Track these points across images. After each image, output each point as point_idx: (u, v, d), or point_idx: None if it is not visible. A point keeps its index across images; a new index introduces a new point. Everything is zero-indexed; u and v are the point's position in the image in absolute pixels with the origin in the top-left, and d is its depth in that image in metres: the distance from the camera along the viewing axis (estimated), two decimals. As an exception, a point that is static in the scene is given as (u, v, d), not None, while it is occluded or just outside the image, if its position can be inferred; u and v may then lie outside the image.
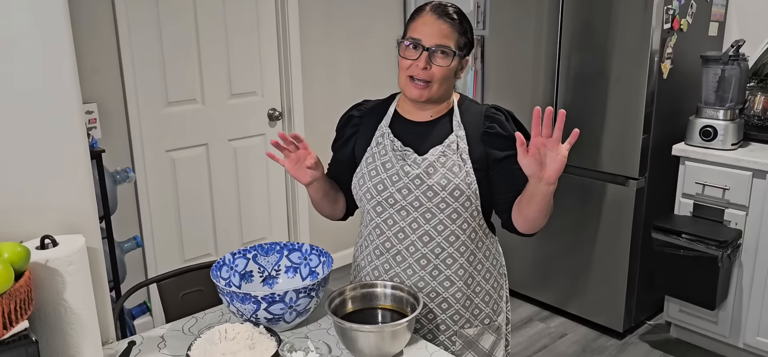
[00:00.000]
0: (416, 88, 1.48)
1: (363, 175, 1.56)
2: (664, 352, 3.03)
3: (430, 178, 1.48)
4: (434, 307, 1.56)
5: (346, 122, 1.65)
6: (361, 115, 1.64)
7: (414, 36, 1.47)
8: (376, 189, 1.53)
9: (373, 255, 1.59)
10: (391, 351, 1.37)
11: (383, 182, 1.52)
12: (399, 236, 1.54)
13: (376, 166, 1.54)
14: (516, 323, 3.32)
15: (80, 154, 1.37)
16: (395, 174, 1.51)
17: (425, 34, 1.46)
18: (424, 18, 1.48)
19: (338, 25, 3.66)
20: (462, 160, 1.49)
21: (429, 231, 1.52)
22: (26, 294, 1.10)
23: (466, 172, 1.49)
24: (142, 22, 2.98)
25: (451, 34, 1.47)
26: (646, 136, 2.90)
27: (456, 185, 1.48)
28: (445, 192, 1.48)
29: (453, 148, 1.50)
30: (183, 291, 1.80)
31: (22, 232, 1.28)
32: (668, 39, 2.84)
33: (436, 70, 1.47)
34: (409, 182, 1.50)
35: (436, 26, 1.46)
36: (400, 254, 1.55)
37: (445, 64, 1.47)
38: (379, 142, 1.56)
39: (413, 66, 1.47)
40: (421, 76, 1.47)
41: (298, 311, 1.47)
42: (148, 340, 1.49)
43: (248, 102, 3.44)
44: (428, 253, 1.53)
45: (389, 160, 1.53)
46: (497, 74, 3.43)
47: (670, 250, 2.79)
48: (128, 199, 3.08)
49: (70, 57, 1.32)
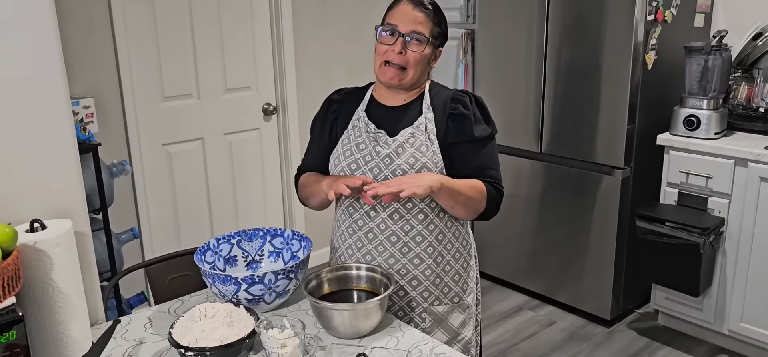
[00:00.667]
0: (390, 71, 1.57)
1: (338, 155, 1.64)
2: (650, 339, 3.08)
3: (399, 157, 1.57)
4: (405, 284, 1.63)
5: (328, 107, 1.73)
6: (340, 99, 1.72)
7: (391, 22, 1.57)
8: (350, 168, 1.61)
9: (346, 234, 1.66)
10: (364, 328, 1.44)
11: (356, 162, 1.60)
12: (371, 214, 1.61)
13: (350, 147, 1.62)
14: (506, 311, 3.38)
15: (67, 141, 1.44)
16: (368, 154, 1.59)
17: (401, 21, 1.56)
18: (401, 7, 1.59)
19: (332, 19, 3.72)
20: (430, 141, 1.58)
21: (398, 209, 1.59)
22: (14, 272, 1.17)
23: (433, 151, 1.57)
24: (138, 17, 3.05)
25: (425, 22, 1.57)
26: (631, 127, 2.96)
27: (423, 164, 1.56)
28: (412, 170, 1.56)
29: (421, 129, 1.59)
30: (171, 275, 1.87)
31: (12, 215, 1.35)
32: (652, 30, 2.89)
33: (411, 56, 1.56)
34: (379, 161, 1.58)
35: (412, 14, 1.56)
36: (371, 232, 1.62)
37: (420, 51, 1.56)
38: (355, 125, 1.65)
39: (389, 51, 1.56)
40: (396, 61, 1.56)
41: (278, 292, 1.53)
42: (135, 320, 1.56)
43: (243, 96, 3.51)
44: (398, 230, 1.60)
45: (363, 141, 1.61)
46: (487, 68, 3.48)
47: (653, 237, 2.85)
48: (126, 191, 3.15)
49: (56, 45, 1.38)
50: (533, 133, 3.30)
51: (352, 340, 1.44)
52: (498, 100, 3.33)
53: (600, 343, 3.07)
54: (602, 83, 2.98)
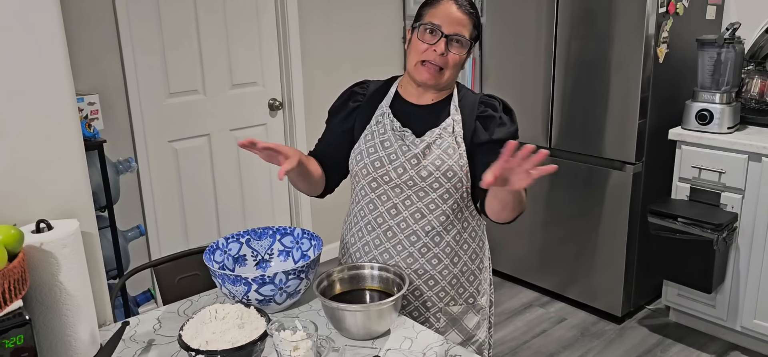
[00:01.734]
0: (428, 71, 1.52)
1: (361, 151, 1.60)
2: (662, 336, 3.05)
3: (426, 158, 1.53)
4: (421, 284, 1.60)
5: (349, 96, 1.68)
6: (363, 92, 1.67)
7: (434, 21, 1.50)
8: (373, 165, 1.57)
9: (364, 230, 1.63)
10: (378, 329, 1.41)
11: (381, 159, 1.56)
12: (391, 212, 1.58)
13: (374, 143, 1.58)
14: (516, 308, 3.35)
15: (74, 141, 1.41)
16: (393, 152, 1.55)
17: (446, 21, 1.49)
18: (445, 6, 1.50)
19: (337, 14, 3.69)
20: (457, 143, 1.54)
21: (421, 209, 1.56)
22: (20, 274, 1.14)
23: (459, 154, 1.54)
24: (143, 13, 3.02)
25: (467, 24, 1.51)
26: (642, 121, 2.92)
27: (449, 166, 1.53)
28: (438, 172, 1.53)
29: (449, 130, 1.55)
30: (179, 275, 1.84)
31: (18, 216, 1.32)
32: (664, 23, 2.85)
33: (451, 58, 1.51)
34: (405, 161, 1.54)
35: (456, 16, 1.50)
36: (390, 230, 1.59)
37: (461, 54, 1.52)
38: (379, 121, 1.60)
39: (429, 50, 1.50)
40: (437, 62, 1.50)
41: (289, 293, 1.50)
42: (144, 321, 1.53)
43: (249, 92, 3.48)
44: (418, 230, 1.57)
45: (388, 138, 1.57)
46: (495, 62, 3.44)
47: (666, 233, 2.81)
48: (132, 188, 3.13)
49: (61, 44, 1.36)
50: (542, 128, 3.26)
51: (365, 341, 1.41)
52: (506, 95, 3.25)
53: (612, 339, 3.04)
54: (613, 77, 2.94)
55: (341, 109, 1.68)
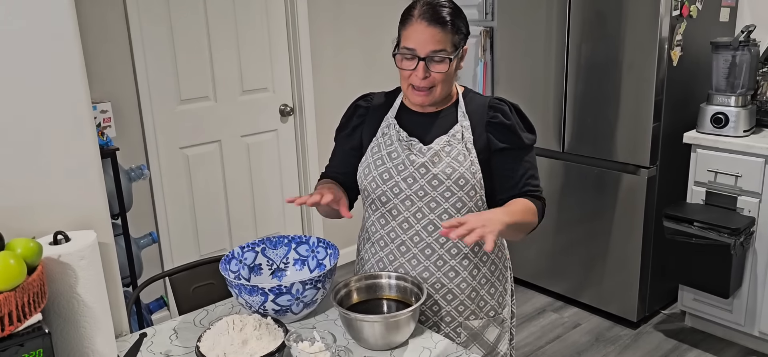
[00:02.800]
0: (419, 95, 1.49)
1: (368, 164, 1.58)
2: (678, 341, 3.02)
3: (435, 166, 1.50)
4: (439, 299, 1.57)
5: (353, 112, 1.66)
6: (367, 105, 1.65)
7: (408, 46, 1.46)
8: (382, 178, 1.54)
9: (377, 246, 1.61)
10: (396, 340, 1.40)
11: (389, 171, 1.54)
12: (403, 226, 1.56)
13: (381, 155, 1.56)
14: (530, 313, 3.33)
15: (90, 152, 1.41)
16: (400, 163, 1.53)
17: (418, 43, 1.44)
18: (415, 26, 1.44)
19: (348, 19, 3.68)
20: (467, 150, 1.51)
21: (433, 220, 1.53)
22: (39, 288, 1.14)
23: (470, 161, 1.50)
24: (154, 21, 3.02)
25: (444, 37, 1.44)
26: (656, 125, 2.89)
27: (461, 174, 1.50)
28: (449, 181, 1.49)
29: (458, 137, 1.52)
30: (194, 284, 1.84)
31: (36, 228, 1.32)
32: (677, 26, 2.82)
33: (435, 76, 1.47)
34: (414, 171, 1.51)
35: (428, 33, 1.43)
36: (404, 244, 1.56)
37: (443, 69, 1.46)
38: (385, 132, 1.58)
39: (412, 76, 1.47)
40: (422, 85, 1.47)
41: (305, 302, 1.49)
42: (160, 332, 1.53)
43: (260, 98, 3.48)
44: (433, 243, 1.54)
45: (395, 149, 1.54)
46: (507, 65, 3.43)
47: (682, 238, 2.78)
48: (144, 195, 3.13)
49: (78, 56, 1.35)
50: (555, 132, 3.24)
51: (384, 353, 1.40)
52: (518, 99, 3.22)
53: (627, 345, 3.01)
54: (626, 80, 2.92)
55: (346, 126, 1.66)
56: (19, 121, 1.30)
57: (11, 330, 1.07)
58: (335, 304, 1.41)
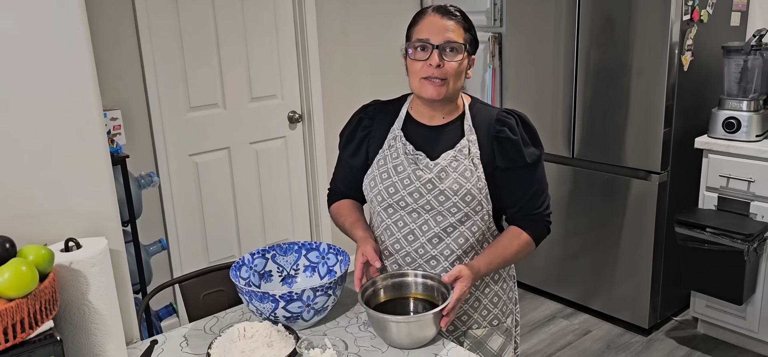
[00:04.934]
0: (432, 85, 1.47)
1: (374, 177, 1.57)
2: (691, 348, 2.99)
3: (442, 182, 1.49)
4: None
5: (358, 124, 1.64)
6: (372, 116, 1.63)
7: (421, 37, 1.47)
8: (388, 192, 1.54)
9: (383, 256, 1.60)
10: (422, 339, 1.40)
11: (394, 185, 1.53)
12: (408, 238, 1.55)
13: (387, 168, 1.55)
14: (539, 320, 3.31)
15: (101, 159, 1.41)
16: (406, 177, 1.52)
17: (432, 33, 1.46)
18: (428, 19, 1.48)
19: (355, 27, 3.69)
20: (474, 165, 1.50)
21: (439, 233, 1.52)
22: (51, 295, 1.13)
23: (477, 177, 1.49)
24: (164, 29, 3.03)
25: (456, 29, 1.47)
26: (667, 130, 2.87)
27: (467, 190, 1.49)
28: (456, 197, 1.48)
29: (464, 152, 1.50)
30: (204, 291, 1.83)
31: (47, 235, 1.32)
32: (688, 31, 2.81)
33: (449, 67, 1.46)
34: (420, 186, 1.50)
35: (441, 24, 1.46)
36: (409, 256, 1.56)
37: (458, 59, 1.47)
38: (391, 144, 1.56)
39: (425, 66, 1.46)
40: (436, 75, 1.46)
41: (316, 309, 1.49)
42: (171, 339, 1.52)
43: (268, 105, 3.48)
44: (437, 255, 1.54)
45: (401, 163, 1.53)
46: (516, 72, 3.42)
47: (694, 244, 2.76)
48: (153, 202, 3.14)
49: (89, 65, 1.36)
50: (564, 138, 3.23)
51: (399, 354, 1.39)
52: (527, 105, 3.26)
53: (639, 352, 2.98)
54: (637, 86, 2.90)
55: (351, 139, 1.64)
56: (31, 129, 1.30)
57: (23, 337, 1.07)
58: (362, 303, 1.41)
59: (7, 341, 1.04)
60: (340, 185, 1.72)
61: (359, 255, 1.51)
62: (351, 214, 1.65)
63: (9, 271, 1.05)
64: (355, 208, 1.68)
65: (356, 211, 1.67)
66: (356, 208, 1.68)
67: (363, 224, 1.62)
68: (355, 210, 1.67)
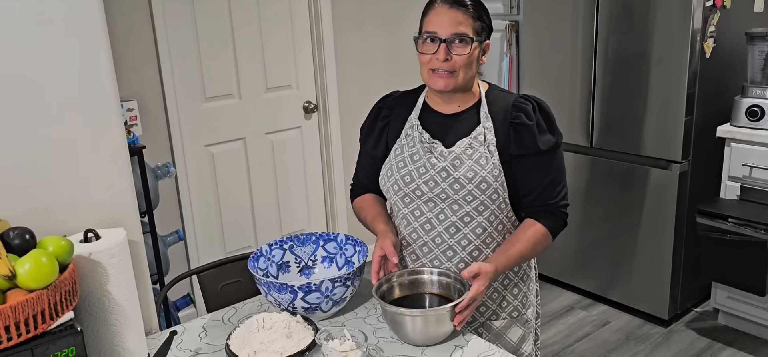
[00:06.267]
0: (440, 78, 1.46)
1: (391, 166, 1.56)
2: (711, 339, 2.95)
3: (457, 170, 1.47)
4: None
5: (377, 115, 1.64)
6: (390, 107, 1.62)
7: (429, 29, 1.46)
8: (403, 181, 1.52)
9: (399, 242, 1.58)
10: (438, 335, 1.38)
11: (410, 174, 1.51)
12: (425, 227, 1.54)
13: (404, 157, 1.53)
14: (557, 311, 3.28)
15: (119, 151, 1.41)
16: (422, 166, 1.50)
17: (440, 26, 1.44)
18: (436, 9, 1.46)
19: (371, 16, 3.66)
20: (489, 152, 1.47)
21: (455, 222, 1.51)
22: (71, 286, 1.13)
23: (492, 164, 1.47)
24: (179, 20, 3.03)
25: (465, 20, 1.44)
26: (688, 118, 2.82)
27: (483, 178, 1.46)
28: (471, 185, 1.46)
29: (480, 140, 1.48)
30: (222, 282, 1.83)
31: (66, 226, 1.32)
32: (710, 17, 2.75)
33: (457, 59, 1.44)
34: (435, 174, 1.48)
35: (449, 15, 1.44)
36: (426, 245, 1.55)
37: (465, 52, 1.44)
38: (408, 134, 1.55)
39: (433, 59, 1.45)
40: (443, 68, 1.45)
41: (335, 300, 1.48)
42: (189, 329, 1.52)
43: (284, 95, 3.47)
44: (455, 245, 1.52)
45: (417, 151, 1.52)
46: (533, 60, 3.37)
47: (715, 234, 2.71)
48: (170, 193, 3.15)
49: (106, 56, 1.35)
50: (583, 128, 3.18)
51: (415, 351, 1.37)
52: (544, 94, 3.19)
53: (659, 343, 2.94)
54: (657, 74, 2.85)
55: (371, 131, 1.64)
56: (49, 121, 1.30)
57: (44, 328, 1.07)
58: (377, 298, 1.40)
59: (28, 332, 1.04)
60: (362, 178, 1.71)
61: (378, 248, 1.50)
62: (373, 208, 1.64)
63: (29, 262, 1.05)
64: (377, 202, 1.66)
65: (378, 205, 1.66)
66: (378, 202, 1.67)
67: (384, 218, 1.61)
68: (377, 204, 1.66)
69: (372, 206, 1.65)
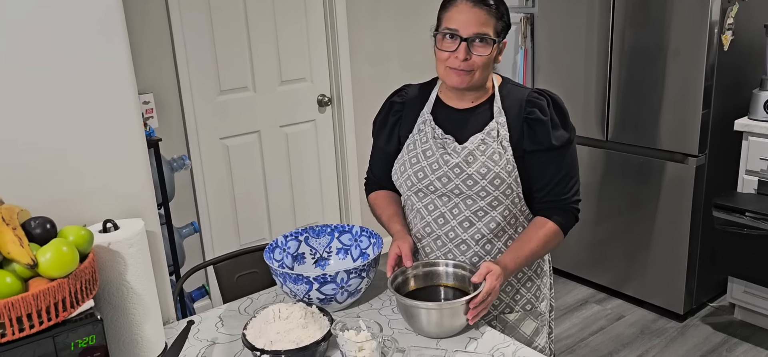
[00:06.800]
0: (457, 75, 1.45)
1: (404, 162, 1.55)
2: (727, 334, 2.92)
3: (470, 166, 1.46)
4: None
5: (389, 109, 1.63)
6: (402, 101, 1.61)
7: (450, 26, 1.42)
8: (417, 177, 1.52)
9: (414, 238, 1.59)
10: (453, 328, 1.38)
11: (423, 170, 1.51)
12: (439, 221, 1.53)
13: (416, 153, 1.53)
14: (571, 305, 3.27)
15: (137, 142, 1.42)
16: (435, 162, 1.50)
17: (461, 24, 1.41)
18: (459, 6, 1.42)
19: (385, 9, 3.66)
20: (502, 148, 1.47)
21: (469, 217, 1.50)
22: (91, 275, 1.15)
23: (506, 160, 1.46)
24: (194, 13, 3.04)
25: (488, 20, 1.41)
26: (706, 112, 2.79)
27: (496, 174, 1.46)
28: (485, 180, 1.46)
29: (493, 135, 1.47)
30: (238, 273, 1.85)
31: (85, 216, 1.34)
32: (729, 9, 2.72)
33: (476, 60, 1.43)
34: (448, 171, 1.48)
35: (473, 14, 1.40)
36: (440, 239, 1.55)
37: (486, 53, 1.43)
38: (421, 129, 1.55)
39: (452, 58, 1.43)
40: (461, 67, 1.43)
41: (350, 291, 1.49)
42: (206, 319, 1.54)
43: (298, 88, 3.48)
44: (468, 239, 1.52)
45: (429, 147, 1.51)
46: (548, 53, 3.35)
47: (732, 228, 2.69)
48: (185, 186, 3.17)
49: (125, 48, 1.37)
50: (598, 121, 3.16)
51: (430, 343, 1.38)
52: (559, 87, 3.20)
53: (673, 338, 2.93)
54: (674, 67, 2.82)
55: (383, 126, 1.63)
56: (69, 112, 1.31)
57: (65, 316, 1.09)
58: (392, 290, 1.40)
59: (50, 320, 1.06)
60: (376, 173, 1.71)
61: (395, 247, 1.50)
62: (389, 207, 1.64)
63: (51, 251, 1.06)
64: (392, 201, 1.66)
65: (393, 204, 1.65)
66: (394, 201, 1.66)
67: (400, 219, 1.60)
68: (393, 203, 1.65)
69: (388, 205, 1.65)
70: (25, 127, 1.27)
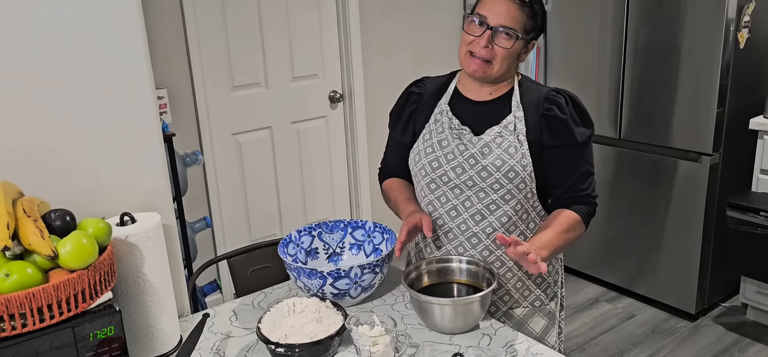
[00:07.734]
0: (474, 63, 1.46)
1: (419, 151, 1.56)
2: (739, 334, 2.91)
3: (485, 158, 1.47)
4: None
5: (406, 99, 1.64)
6: (420, 91, 1.63)
7: (481, 12, 1.45)
8: (431, 166, 1.53)
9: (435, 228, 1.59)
10: (466, 324, 1.39)
11: (438, 160, 1.52)
12: (451, 213, 1.54)
13: (432, 143, 1.54)
14: (582, 303, 3.26)
15: (154, 136, 1.43)
16: (450, 152, 1.50)
17: (492, 13, 1.43)
18: None
19: (397, 5, 3.65)
20: (519, 142, 1.47)
21: (481, 210, 1.51)
22: (109, 267, 1.16)
23: (522, 154, 1.47)
24: (208, 9, 3.06)
25: (518, 16, 1.43)
26: (720, 110, 2.78)
27: (511, 167, 1.46)
28: (499, 173, 1.46)
29: (510, 128, 1.48)
30: (251, 267, 1.86)
31: (103, 209, 1.35)
32: (745, 6, 2.70)
33: (498, 51, 1.44)
34: (463, 161, 1.49)
35: (505, 6, 1.43)
36: (451, 232, 1.55)
37: (507, 46, 1.44)
38: (437, 119, 1.55)
39: (474, 42, 1.45)
40: (481, 54, 1.45)
41: (363, 287, 1.49)
42: (221, 313, 1.55)
43: (310, 84, 3.49)
44: (479, 233, 1.52)
45: (445, 137, 1.52)
46: (561, 50, 3.34)
47: (746, 228, 2.67)
48: (198, 181, 3.19)
49: (143, 44, 1.38)
50: (611, 119, 3.15)
51: (443, 338, 1.38)
52: (573, 84, 3.19)
53: (685, 337, 2.92)
54: (689, 65, 2.81)
55: (400, 115, 1.64)
56: (88, 107, 1.33)
57: (84, 307, 1.10)
58: (405, 286, 1.41)
59: (70, 311, 1.08)
60: (390, 163, 1.72)
61: (414, 218, 1.49)
62: (403, 192, 1.65)
63: (71, 243, 1.08)
64: (406, 186, 1.67)
65: (407, 189, 1.66)
66: (408, 187, 1.67)
67: (415, 204, 1.61)
68: (407, 188, 1.67)
69: (402, 190, 1.66)
70: (45, 123, 1.29)
